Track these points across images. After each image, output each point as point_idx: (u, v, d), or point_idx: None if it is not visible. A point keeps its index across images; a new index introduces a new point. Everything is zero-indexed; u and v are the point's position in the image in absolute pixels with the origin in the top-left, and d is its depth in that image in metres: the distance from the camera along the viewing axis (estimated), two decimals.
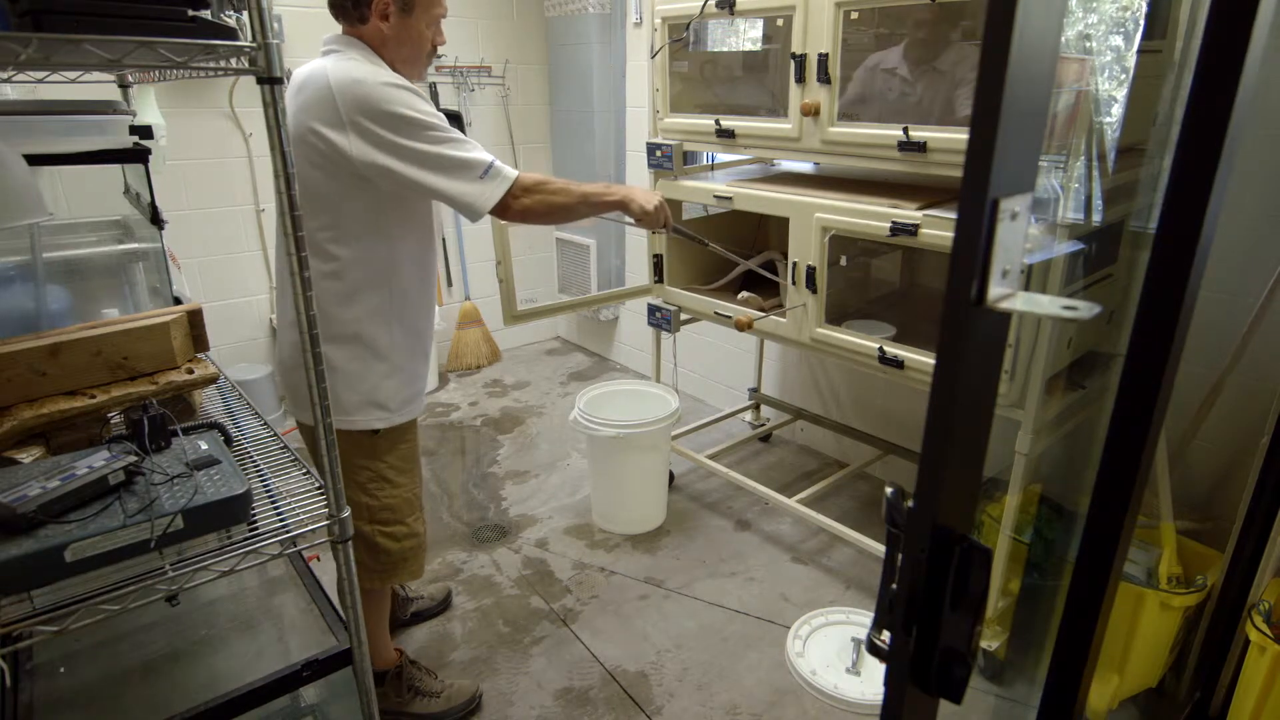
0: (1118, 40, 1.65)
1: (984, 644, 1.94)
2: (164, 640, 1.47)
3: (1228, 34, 0.64)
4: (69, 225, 1.81)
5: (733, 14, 2.15)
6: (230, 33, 0.95)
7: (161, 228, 1.69)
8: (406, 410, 1.65)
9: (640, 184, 2.59)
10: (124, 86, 1.77)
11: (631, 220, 1.72)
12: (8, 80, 1.65)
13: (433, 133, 1.43)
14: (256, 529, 1.11)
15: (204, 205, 3.22)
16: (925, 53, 2.07)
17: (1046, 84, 0.53)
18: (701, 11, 2.20)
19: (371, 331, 1.56)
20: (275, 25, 0.92)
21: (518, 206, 1.51)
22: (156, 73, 1.39)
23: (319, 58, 1.51)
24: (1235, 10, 0.63)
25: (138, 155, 1.57)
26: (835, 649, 2.09)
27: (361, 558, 1.66)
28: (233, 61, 0.96)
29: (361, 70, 1.42)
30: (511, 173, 1.50)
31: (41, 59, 0.85)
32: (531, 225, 1.55)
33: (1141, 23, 1.64)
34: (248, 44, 0.93)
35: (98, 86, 1.52)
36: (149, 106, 2.74)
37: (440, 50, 1.61)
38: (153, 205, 1.64)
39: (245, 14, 0.93)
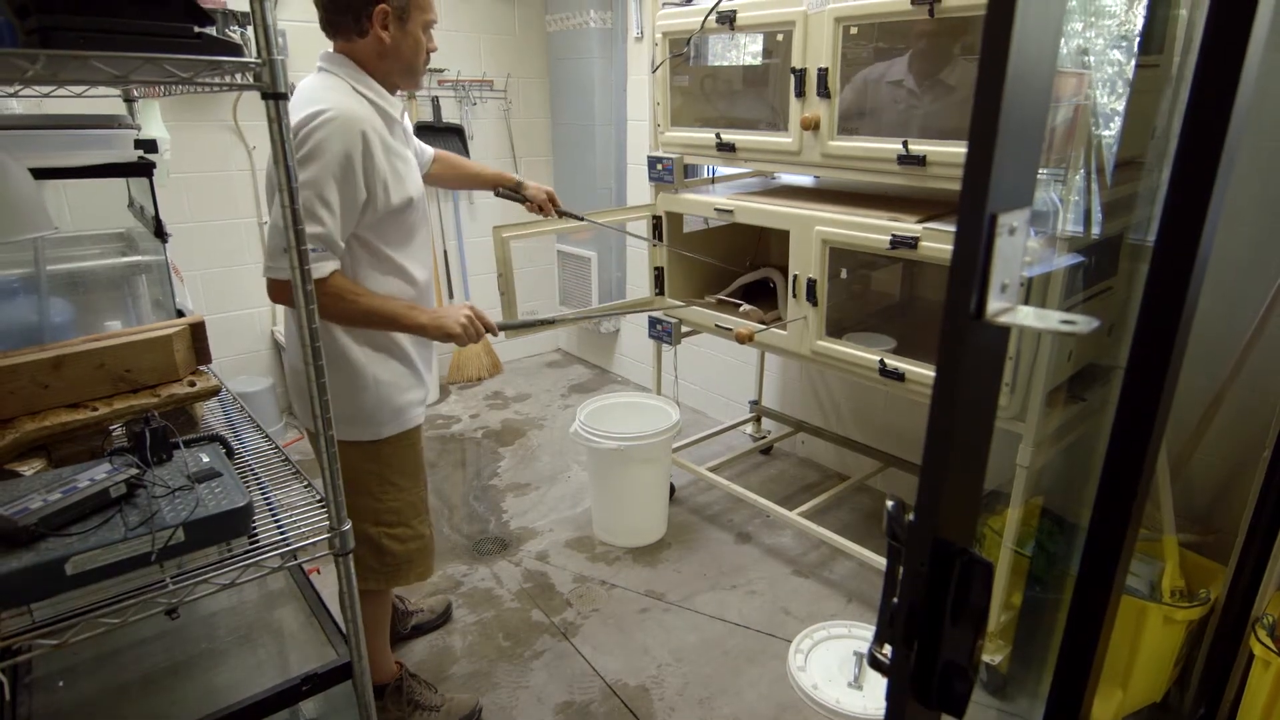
0: (1116, 54, 1.66)
1: (986, 658, 1.93)
2: (163, 653, 1.47)
3: (1224, 48, 0.64)
4: (73, 238, 1.81)
5: (733, 29, 2.17)
6: (235, 49, 0.96)
7: (165, 241, 1.70)
8: (395, 424, 1.63)
9: (644, 193, 2.57)
10: (129, 100, 1.78)
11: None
12: (14, 95, 1.67)
13: (299, 192, 1.36)
14: (257, 542, 1.11)
15: (207, 217, 3.24)
16: (931, 65, 2.08)
17: (1044, 100, 0.54)
18: (702, 27, 2.22)
19: (347, 347, 1.55)
20: (280, 41, 0.92)
21: (291, 298, 1.42)
22: (162, 87, 1.40)
23: (314, 73, 1.51)
24: (1231, 25, 0.64)
25: (142, 169, 1.58)
26: (837, 663, 2.08)
27: (367, 559, 1.67)
28: (238, 77, 0.97)
29: (326, 99, 1.41)
30: (315, 272, 1.36)
31: (49, 75, 0.86)
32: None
33: (1138, 38, 1.65)
34: (253, 60, 0.94)
35: (103, 100, 1.53)
36: (154, 120, 2.75)
37: (443, 65, 1.62)
38: (156, 218, 1.65)
39: (250, 29, 0.94)
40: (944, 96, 2.07)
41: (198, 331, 1.39)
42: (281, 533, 1.14)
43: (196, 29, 0.93)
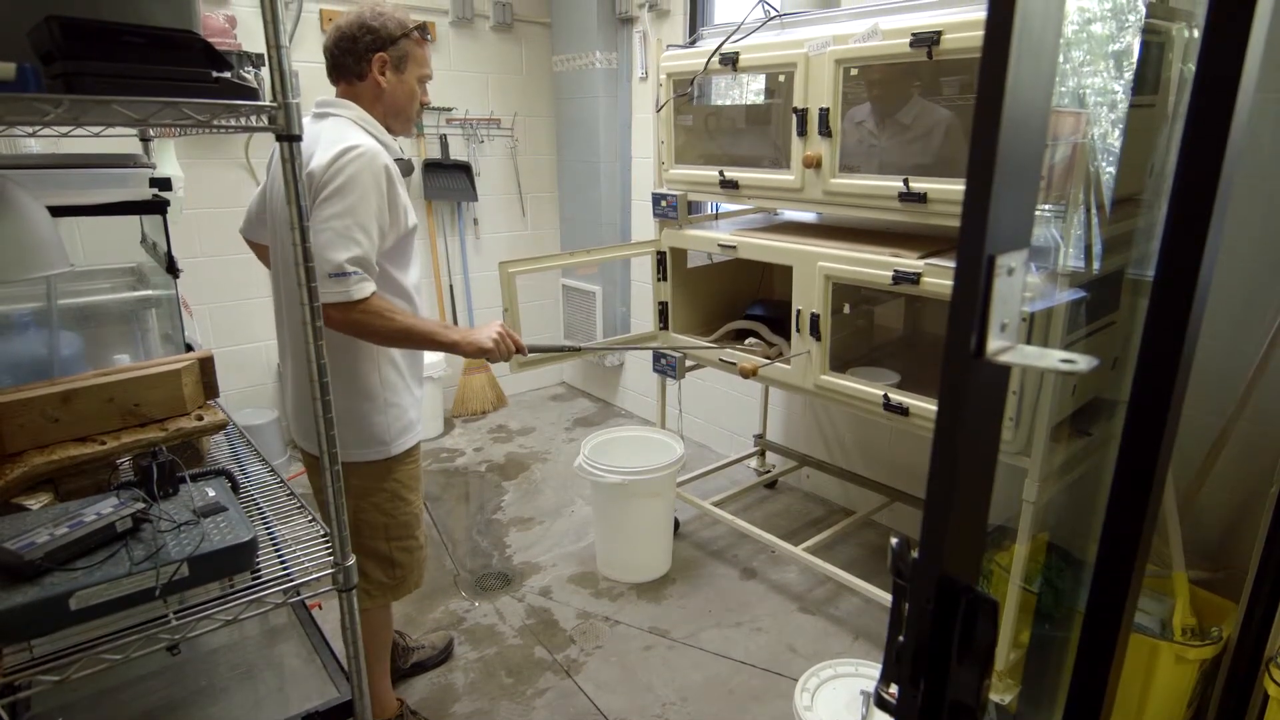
0: (1115, 90, 1.69)
1: (995, 697, 1.90)
2: (163, 690, 1.45)
3: (1216, 88, 0.66)
4: (85, 273, 1.84)
5: (736, 70, 2.21)
6: (251, 93, 0.98)
7: (177, 276, 1.72)
8: (401, 442, 1.71)
9: (649, 229, 2.60)
10: (145, 140, 1.82)
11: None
12: (32, 134, 1.70)
13: (338, 220, 1.45)
14: (260, 576, 1.10)
15: (216, 252, 3.28)
16: (889, 107, 2.14)
17: (1039, 143, 0.55)
18: (705, 68, 2.27)
19: (362, 372, 1.63)
20: (293, 83, 0.95)
21: (341, 320, 1.48)
22: (178, 128, 1.43)
23: (311, 118, 1.60)
24: (1222, 66, 0.65)
25: (157, 207, 1.61)
26: (844, 702, 2.04)
27: (377, 576, 1.74)
28: (253, 120, 1.00)
29: (356, 138, 1.52)
30: (358, 293, 1.47)
31: (70, 118, 0.88)
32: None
33: (1132, 78, 1.68)
34: (269, 104, 0.96)
35: (120, 140, 1.57)
36: (169, 159, 2.80)
37: (451, 104, 1.68)
38: (169, 255, 1.68)
39: (264, 70, 0.97)
40: (902, 135, 2.11)
41: (206, 366, 1.40)
42: (285, 568, 1.13)
43: (214, 74, 0.96)
